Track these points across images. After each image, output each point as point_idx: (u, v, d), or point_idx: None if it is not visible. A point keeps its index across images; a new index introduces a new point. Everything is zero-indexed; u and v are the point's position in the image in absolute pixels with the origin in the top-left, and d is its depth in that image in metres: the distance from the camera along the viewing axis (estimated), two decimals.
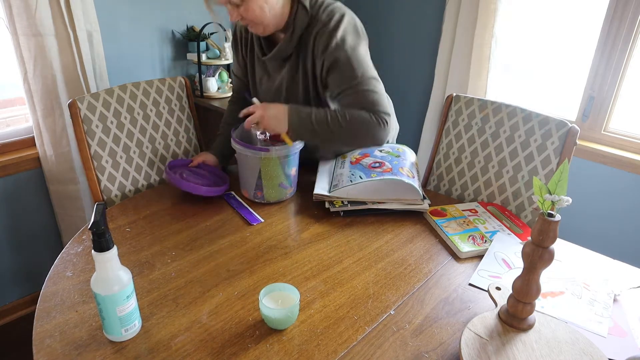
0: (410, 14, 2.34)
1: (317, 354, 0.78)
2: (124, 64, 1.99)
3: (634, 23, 1.70)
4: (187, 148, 1.60)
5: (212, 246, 1.08)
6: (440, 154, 1.50)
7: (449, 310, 0.90)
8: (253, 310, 0.88)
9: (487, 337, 0.76)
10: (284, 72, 1.30)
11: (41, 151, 1.78)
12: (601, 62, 1.80)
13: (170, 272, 0.98)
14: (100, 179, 1.38)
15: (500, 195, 1.34)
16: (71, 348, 0.78)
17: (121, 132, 1.42)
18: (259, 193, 1.26)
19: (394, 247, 1.10)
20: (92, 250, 0.73)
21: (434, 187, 1.53)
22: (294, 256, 1.05)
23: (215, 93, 2.16)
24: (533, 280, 0.75)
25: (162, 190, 1.35)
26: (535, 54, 2.08)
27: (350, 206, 1.22)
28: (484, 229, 1.17)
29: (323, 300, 0.91)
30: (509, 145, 1.32)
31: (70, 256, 1.02)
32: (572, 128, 1.20)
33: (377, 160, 1.28)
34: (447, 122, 1.48)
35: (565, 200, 0.71)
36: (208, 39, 2.15)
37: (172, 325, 0.84)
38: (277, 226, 1.17)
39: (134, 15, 1.96)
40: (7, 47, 1.67)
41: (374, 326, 0.85)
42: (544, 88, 2.10)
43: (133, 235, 1.11)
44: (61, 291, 0.91)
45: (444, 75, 2.19)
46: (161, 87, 1.52)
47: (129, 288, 0.77)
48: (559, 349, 0.74)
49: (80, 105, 1.32)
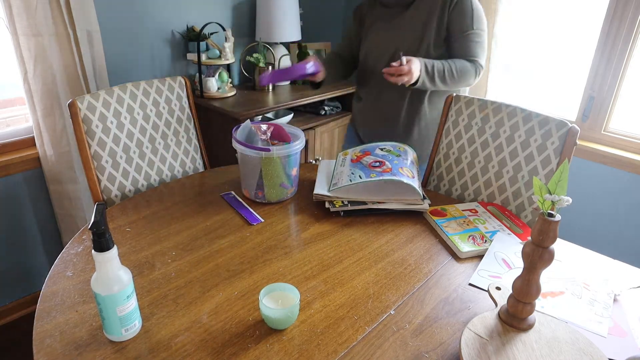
0: None
1: (317, 354, 0.78)
2: (124, 64, 1.99)
3: (634, 23, 1.70)
4: (187, 148, 1.60)
5: (212, 246, 1.08)
6: (440, 154, 1.50)
7: (449, 310, 0.90)
8: (253, 310, 0.88)
9: (487, 337, 0.76)
10: (404, 16, 1.50)
11: (41, 151, 1.78)
12: (601, 62, 1.80)
13: (170, 272, 0.98)
14: (100, 179, 1.38)
15: (500, 195, 1.34)
16: (71, 348, 0.78)
17: (121, 132, 1.42)
18: (260, 193, 1.26)
19: (394, 247, 1.10)
20: (92, 250, 0.73)
21: (434, 187, 1.53)
22: (294, 256, 1.05)
23: (215, 93, 2.16)
24: (533, 280, 0.75)
25: (162, 190, 1.36)
26: (535, 54, 2.08)
27: (350, 206, 1.22)
28: (484, 229, 1.17)
29: (323, 300, 0.91)
30: (509, 145, 1.32)
31: (70, 256, 1.02)
32: (572, 128, 1.20)
33: (377, 160, 1.28)
34: (447, 122, 1.48)
35: (565, 200, 0.71)
36: (208, 39, 2.15)
37: (172, 325, 0.84)
38: (277, 226, 1.17)
39: (134, 15, 1.96)
40: (7, 47, 1.66)
41: (374, 326, 0.85)
42: (544, 88, 2.10)
43: (133, 235, 1.11)
44: (61, 291, 0.91)
45: None
46: (161, 87, 1.52)
47: (129, 288, 0.77)
48: (559, 349, 0.74)
49: (80, 105, 1.32)
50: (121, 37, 1.94)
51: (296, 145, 1.23)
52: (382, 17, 1.57)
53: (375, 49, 1.57)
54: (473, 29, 1.44)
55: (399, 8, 1.52)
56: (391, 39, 1.53)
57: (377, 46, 1.57)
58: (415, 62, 1.35)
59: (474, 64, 1.46)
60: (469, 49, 1.46)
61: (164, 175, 1.54)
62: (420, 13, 1.48)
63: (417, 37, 1.48)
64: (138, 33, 2.00)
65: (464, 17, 1.44)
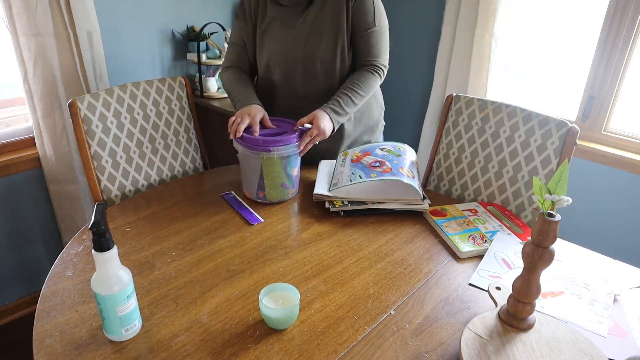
0: (410, 14, 2.34)
1: (317, 354, 0.78)
2: (124, 64, 1.99)
3: (634, 23, 1.70)
4: (187, 148, 1.60)
5: (212, 246, 1.08)
6: (440, 154, 1.50)
7: (449, 310, 0.90)
8: (253, 310, 0.88)
9: (487, 337, 0.76)
10: (306, 16, 1.33)
11: (41, 151, 1.78)
12: (601, 62, 1.80)
13: (170, 272, 0.98)
14: (100, 179, 1.38)
15: (500, 195, 1.34)
16: (71, 348, 0.78)
17: (121, 132, 1.42)
18: (261, 193, 1.26)
19: (394, 247, 1.10)
20: (92, 250, 0.73)
21: (434, 187, 1.53)
22: (294, 256, 1.05)
23: (215, 93, 2.16)
24: (533, 280, 0.75)
25: (162, 190, 1.36)
26: (535, 54, 2.08)
27: (351, 206, 1.22)
28: (484, 229, 1.17)
29: (323, 300, 0.91)
30: (509, 145, 1.32)
31: (70, 256, 1.02)
32: (572, 128, 1.20)
33: (377, 160, 1.28)
34: (447, 122, 1.48)
35: (565, 200, 0.71)
36: (208, 39, 2.15)
37: (172, 325, 0.84)
38: (277, 226, 1.17)
39: (134, 15, 1.96)
40: (7, 47, 1.67)
41: (374, 326, 0.85)
42: (544, 88, 2.10)
43: (133, 235, 1.11)
44: (61, 291, 0.91)
45: (444, 75, 2.19)
46: (161, 87, 1.52)
47: (129, 288, 0.77)
48: (559, 349, 0.74)
49: (80, 105, 1.32)
50: (121, 37, 1.95)
51: (296, 145, 1.23)
52: (278, 17, 1.36)
53: (279, 58, 1.38)
54: (375, 26, 1.34)
55: (298, 7, 1.34)
56: (297, 45, 1.35)
57: (281, 55, 1.37)
58: (321, 118, 1.25)
59: (375, 68, 1.37)
60: (371, 49, 1.36)
61: (164, 175, 1.54)
62: (325, 12, 1.32)
63: (330, 40, 1.33)
64: (138, 33, 2.00)
65: (366, 14, 1.32)
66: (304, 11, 1.34)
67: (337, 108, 1.30)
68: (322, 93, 1.39)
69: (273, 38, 1.37)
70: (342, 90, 1.34)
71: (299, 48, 1.35)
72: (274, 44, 1.37)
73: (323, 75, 1.38)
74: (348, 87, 1.34)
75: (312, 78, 1.38)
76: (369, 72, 1.37)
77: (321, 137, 1.25)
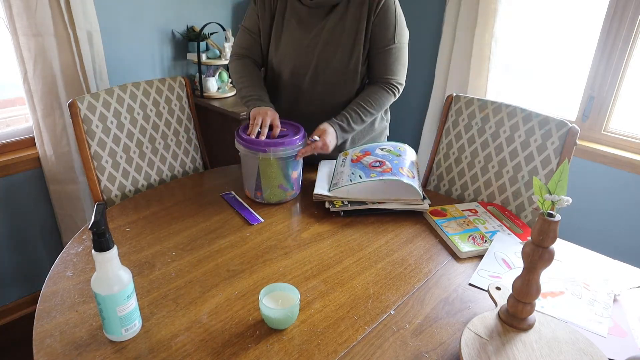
0: (410, 14, 2.33)
1: (317, 354, 0.78)
2: (124, 64, 1.99)
3: (634, 23, 1.70)
4: (187, 148, 1.60)
5: (212, 246, 1.08)
6: (440, 154, 1.50)
7: (449, 310, 0.90)
8: (253, 310, 0.88)
9: (487, 337, 0.76)
10: (326, 22, 1.29)
11: (41, 151, 1.78)
12: (601, 62, 1.80)
13: (170, 272, 0.98)
14: (100, 179, 1.38)
15: (500, 195, 1.34)
16: (71, 348, 0.78)
17: (121, 132, 1.42)
18: (259, 193, 1.26)
19: (394, 247, 1.10)
20: (92, 250, 0.73)
21: (434, 187, 1.53)
22: (294, 256, 1.05)
23: (215, 93, 2.16)
24: (533, 280, 0.75)
25: (162, 190, 1.36)
26: (535, 54, 2.08)
27: (350, 206, 1.22)
28: (484, 229, 1.17)
29: (323, 300, 0.91)
30: (509, 145, 1.32)
31: (70, 256, 1.02)
32: (572, 128, 1.20)
33: (377, 160, 1.28)
34: (447, 122, 1.48)
35: (565, 200, 0.71)
36: (208, 39, 2.15)
37: (172, 325, 0.84)
38: (277, 226, 1.17)
39: (134, 15, 1.96)
40: (7, 47, 1.66)
41: (374, 326, 0.85)
42: (544, 88, 2.10)
43: (133, 235, 1.11)
44: (61, 291, 0.91)
45: (444, 75, 2.19)
46: (161, 87, 1.52)
47: (129, 288, 0.77)
48: (559, 349, 0.74)
49: (80, 105, 1.32)
50: (121, 37, 1.94)
51: (295, 148, 1.22)
52: (298, 15, 1.31)
53: (293, 60, 1.35)
54: (394, 42, 1.30)
55: (320, 9, 1.29)
56: (312, 51, 1.32)
57: (294, 57, 1.34)
58: (329, 134, 1.26)
59: (390, 86, 1.35)
60: (388, 66, 1.33)
61: (164, 175, 1.54)
62: (346, 22, 1.28)
63: (346, 52, 1.31)
64: (138, 33, 2.00)
65: (387, 29, 1.29)
66: (326, 16, 1.30)
67: (345, 125, 1.31)
68: (327, 102, 1.38)
69: (289, 39, 1.34)
70: (352, 106, 1.33)
71: (313, 54, 1.32)
72: (289, 46, 1.34)
73: (330, 85, 1.36)
74: (359, 103, 1.33)
75: (319, 85, 1.37)
76: (384, 90, 1.35)
77: (324, 151, 1.27)
